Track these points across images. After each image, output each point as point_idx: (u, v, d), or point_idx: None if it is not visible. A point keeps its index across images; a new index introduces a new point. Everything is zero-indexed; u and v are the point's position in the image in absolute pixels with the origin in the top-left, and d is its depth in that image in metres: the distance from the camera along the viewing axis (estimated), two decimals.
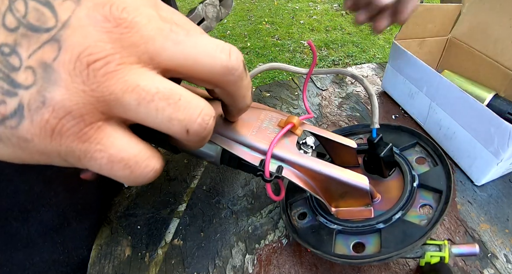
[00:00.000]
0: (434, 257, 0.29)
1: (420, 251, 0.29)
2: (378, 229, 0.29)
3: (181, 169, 0.47)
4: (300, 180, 0.27)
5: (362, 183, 0.27)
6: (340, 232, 0.31)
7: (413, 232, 0.28)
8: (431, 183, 0.32)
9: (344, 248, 0.30)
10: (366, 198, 0.29)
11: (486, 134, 0.37)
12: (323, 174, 0.27)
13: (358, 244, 0.30)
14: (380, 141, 0.31)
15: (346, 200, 0.30)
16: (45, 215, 0.37)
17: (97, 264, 0.37)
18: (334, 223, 0.31)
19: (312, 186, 0.28)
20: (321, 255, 0.29)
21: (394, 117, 0.53)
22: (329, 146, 0.33)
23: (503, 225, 0.36)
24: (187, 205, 0.42)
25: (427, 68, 0.44)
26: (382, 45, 2.41)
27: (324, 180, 0.27)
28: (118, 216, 0.42)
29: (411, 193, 0.31)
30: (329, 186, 0.28)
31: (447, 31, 0.55)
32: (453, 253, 0.29)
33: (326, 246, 0.30)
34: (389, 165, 0.33)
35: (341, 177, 0.27)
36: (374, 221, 0.30)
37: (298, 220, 0.34)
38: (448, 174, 0.32)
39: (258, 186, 0.43)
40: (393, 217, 0.30)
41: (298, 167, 0.27)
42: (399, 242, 0.28)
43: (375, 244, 0.29)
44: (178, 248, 0.37)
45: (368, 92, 0.29)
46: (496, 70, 0.48)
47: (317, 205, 0.33)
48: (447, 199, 0.30)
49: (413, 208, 0.31)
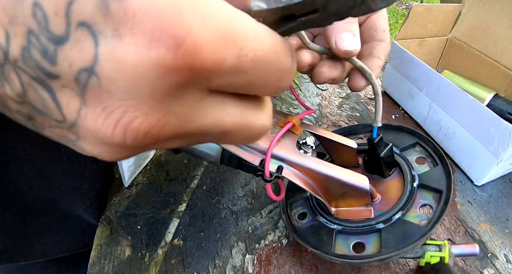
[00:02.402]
0: (434, 257, 0.29)
1: (420, 251, 0.29)
2: (378, 229, 0.29)
3: (181, 169, 0.47)
4: (300, 180, 0.27)
5: (362, 183, 0.27)
6: (340, 232, 0.31)
7: (413, 232, 0.28)
8: (431, 183, 0.32)
9: (344, 248, 0.30)
10: (366, 198, 0.29)
11: (486, 134, 0.37)
12: (323, 174, 0.27)
13: (358, 244, 0.30)
14: (380, 141, 0.31)
15: (346, 200, 0.30)
16: None
17: (97, 264, 0.37)
18: (334, 223, 0.31)
19: (312, 186, 0.28)
20: (321, 255, 0.29)
21: (394, 117, 0.53)
22: (329, 146, 0.33)
23: (503, 225, 0.36)
24: (187, 205, 0.42)
25: (427, 68, 0.44)
26: None
27: (324, 180, 0.27)
28: (118, 216, 0.42)
29: (411, 193, 0.31)
30: (329, 186, 0.28)
31: (447, 31, 0.55)
32: (453, 253, 0.29)
33: (326, 246, 0.30)
34: (389, 165, 0.33)
35: (341, 177, 0.27)
36: (374, 221, 0.30)
37: (298, 220, 0.34)
38: (448, 174, 0.32)
39: (258, 186, 0.43)
40: (393, 217, 0.30)
41: (298, 167, 0.27)
42: (399, 242, 0.28)
43: (375, 244, 0.29)
44: (178, 248, 0.37)
45: (374, 90, 0.28)
46: (496, 70, 0.48)
47: (317, 205, 0.33)
48: (447, 199, 0.30)
49: (413, 208, 0.31)
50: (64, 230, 0.43)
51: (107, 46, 0.10)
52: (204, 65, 0.11)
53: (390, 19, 2.85)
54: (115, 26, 0.10)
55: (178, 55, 0.10)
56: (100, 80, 0.11)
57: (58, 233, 0.43)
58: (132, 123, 0.11)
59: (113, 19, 0.10)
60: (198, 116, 0.13)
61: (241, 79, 0.12)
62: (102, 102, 0.11)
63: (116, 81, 0.11)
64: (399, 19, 2.85)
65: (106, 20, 0.10)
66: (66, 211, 0.42)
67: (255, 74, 0.13)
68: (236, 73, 0.12)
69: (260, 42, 0.12)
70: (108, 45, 0.10)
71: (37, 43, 0.11)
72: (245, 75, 0.12)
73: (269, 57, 0.13)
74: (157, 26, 0.10)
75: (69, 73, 0.11)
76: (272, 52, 0.13)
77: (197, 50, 0.11)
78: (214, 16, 0.11)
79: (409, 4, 3.12)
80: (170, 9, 0.10)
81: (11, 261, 0.39)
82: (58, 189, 0.39)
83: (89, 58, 0.10)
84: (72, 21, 0.10)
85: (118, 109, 0.11)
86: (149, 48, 0.10)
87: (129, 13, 0.10)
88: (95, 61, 0.10)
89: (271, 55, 0.13)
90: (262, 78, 0.13)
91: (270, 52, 0.13)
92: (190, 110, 0.12)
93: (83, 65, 0.11)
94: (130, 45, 0.10)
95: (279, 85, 0.14)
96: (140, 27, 0.10)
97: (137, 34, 0.10)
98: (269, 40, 0.13)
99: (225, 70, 0.12)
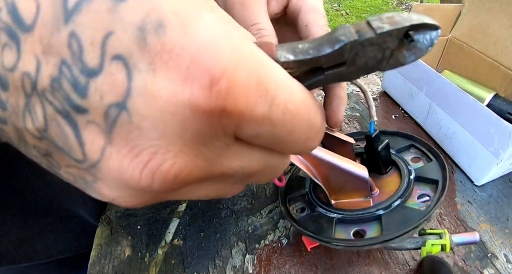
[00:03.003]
0: (436, 245, 0.29)
1: (421, 241, 0.29)
2: (378, 216, 0.30)
3: None
4: (303, 165, 0.28)
5: (362, 171, 0.28)
6: (340, 220, 0.31)
7: (413, 216, 0.28)
8: (427, 175, 0.33)
9: (345, 236, 0.30)
10: (366, 188, 0.30)
11: (486, 134, 0.37)
12: (325, 160, 0.28)
13: (359, 232, 0.30)
14: (377, 136, 0.32)
15: (345, 191, 0.31)
16: None
17: (97, 264, 0.37)
18: (333, 212, 0.32)
19: (314, 173, 0.29)
20: (322, 242, 0.29)
21: (394, 118, 0.53)
22: (327, 141, 0.34)
23: (503, 225, 0.36)
24: (187, 205, 0.42)
25: (427, 68, 0.44)
26: None
27: (326, 167, 0.28)
28: (118, 216, 0.42)
29: (409, 184, 0.32)
30: (330, 174, 0.29)
31: (447, 31, 0.55)
32: (454, 242, 0.29)
33: (326, 233, 0.30)
34: (386, 162, 0.34)
35: (342, 165, 0.28)
36: (374, 208, 0.30)
37: (297, 213, 0.35)
38: (443, 166, 0.32)
39: (258, 186, 0.43)
40: (393, 204, 0.30)
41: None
42: (400, 226, 0.28)
43: (376, 231, 0.29)
44: (178, 248, 0.37)
45: (360, 89, 0.29)
46: (496, 70, 0.48)
47: (317, 198, 0.34)
48: (444, 186, 0.30)
49: (412, 198, 0.31)
50: (66, 230, 0.43)
51: (140, 81, 0.10)
52: (237, 108, 0.10)
53: None
54: (151, 60, 0.10)
55: (212, 94, 0.10)
56: (131, 116, 0.10)
57: (60, 234, 0.43)
58: (162, 166, 0.11)
59: (149, 53, 0.10)
60: (227, 160, 0.12)
61: (269, 132, 0.12)
62: (130, 142, 0.11)
63: (147, 118, 0.10)
64: None
65: (142, 53, 0.10)
66: (67, 211, 0.42)
67: (284, 129, 0.12)
68: (265, 124, 0.11)
69: (291, 94, 0.12)
70: (141, 80, 0.10)
71: (69, 74, 0.10)
72: (274, 128, 0.12)
73: (300, 112, 0.12)
74: (193, 62, 0.10)
75: (98, 107, 0.10)
76: (303, 107, 0.12)
77: (231, 92, 0.10)
78: (250, 60, 0.11)
79: (409, 4, 3.12)
80: (208, 47, 0.10)
81: (13, 262, 0.39)
82: (58, 189, 0.39)
83: (122, 92, 0.10)
84: (107, 53, 0.10)
85: (147, 150, 0.11)
86: (183, 84, 0.10)
87: (166, 47, 0.10)
88: (127, 96, 0.10)
89: (302, 110, 0.12)
90: (291, 135, 0.12)
91: (301, 106, 0.12)
92: (219, 154, 0.12)
93: (114, 100, 0.10)
94: (164, 80, 0.10)
95: (308, 146, 0.14)
96: (176, 62, 0.10)
97: (172, 69, 0.10)
98: (300, 94, 0.12)
99: (256, 118, 0.11)
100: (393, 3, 3.19)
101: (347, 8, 3.11)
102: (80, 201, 0.41)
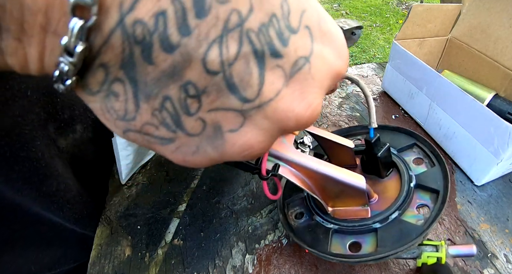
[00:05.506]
0: (431, 257, 0.29)
1: (417, 252, 0.29)
2: (375, 229, 0.29)
3: (181, 169, 0.47)
4: (297, 178, 0.27)
5: (359, 182, 0.27)
6: (337, 231, 0.31)
7: (409, 232, 0.28)
8: (428, 183, 0.32)
9: (341, 248, 0.30)
10: (363, 197, 0.29)
11: (486, 134, 0.37)
12: (320, 172, 0.27)
13: (355, 243, 0.30)
14: (378, 141, 0.31)
15: (342, 199, 0.30)
16: None
17: (97, 264, 0.37)
18: (330, 222, 0.31)
19: (308, 185, 0.28)
20: (317, 254, 0.29)
21: (394, 117, 0.53)
22: (326, 146, 0.33)
23: (503, 225, 0.36)
24: (187, 205, 0.42)
25: (427, 68, 0.44)
26: (382, 45, 2.41)
27: (321, 178, 0.27)
28: (118, 216, 0.42)
29: (408, 193, 0.31)
30: (326, 185, 0.28)
31: (447, 31, 0.55)
32: (450, 254, 0.29)
33: (322, 245, 0.30)
34: (386, 165, 0.33)
35: (338, 176, 0.27)
36: (371, 220, 0.30)
37: (295, 219, 0.34)
38: (445, 174, 0.32)
39: (258, 186, 0.43)
40: (390, 217, 0.30)
41: (295, 165, 0.27)
42: (396, 241, 0.28)
43: (372, 244, 0.29)
44: (178, 248, 0.37)
45: (364, 93, 0.29)
46: (496, 70, 0.48)
47: (314, 205, 0.33)
48: (444, 199, 0.30)
49: (410, 208, 0.31)
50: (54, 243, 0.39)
51: (317, 47, 0.15)
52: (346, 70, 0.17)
53: (390, 19, 2.86)
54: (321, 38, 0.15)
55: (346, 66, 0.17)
56: (311, 68, 0.15)
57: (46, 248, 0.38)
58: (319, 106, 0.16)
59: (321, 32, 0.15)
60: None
61: None
62: (303, 87, 0.15)
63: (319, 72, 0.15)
64: (399, 19, 2.85)
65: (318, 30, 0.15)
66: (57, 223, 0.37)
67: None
68: None
69: None
70: (317, 46, 0.15)
71: (277, 25, 0.13)
72: None
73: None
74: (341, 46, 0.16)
75: (292, 56, 0.14)
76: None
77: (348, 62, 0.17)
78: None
79: (409, 4, 3.12)
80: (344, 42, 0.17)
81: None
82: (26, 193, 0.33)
83: (308, 50, 0.14)
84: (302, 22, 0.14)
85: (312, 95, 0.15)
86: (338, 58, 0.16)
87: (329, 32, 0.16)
88: (310, 54, 0.14)
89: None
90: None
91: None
92: None
93: (304, 54, 0.14)
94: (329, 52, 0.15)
95: None
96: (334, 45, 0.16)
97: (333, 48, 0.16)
98: None
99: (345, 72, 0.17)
100: (393, 3, 3.19)
101: (347, 8, 3.11)
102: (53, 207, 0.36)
